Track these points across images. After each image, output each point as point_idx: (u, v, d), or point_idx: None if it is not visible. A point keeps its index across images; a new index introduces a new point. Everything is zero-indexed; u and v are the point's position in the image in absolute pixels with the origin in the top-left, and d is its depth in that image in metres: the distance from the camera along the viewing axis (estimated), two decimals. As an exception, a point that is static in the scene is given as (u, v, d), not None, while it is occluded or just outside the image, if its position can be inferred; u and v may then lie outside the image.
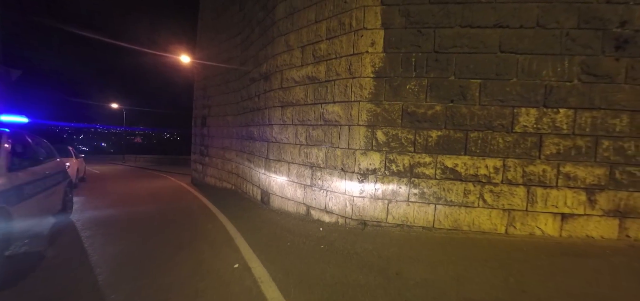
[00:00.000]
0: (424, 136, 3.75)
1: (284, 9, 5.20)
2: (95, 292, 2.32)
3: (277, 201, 5.22)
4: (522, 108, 3.60)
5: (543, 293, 2.31)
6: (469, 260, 2.91)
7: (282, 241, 3.50)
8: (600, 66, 3.54)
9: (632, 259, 3.08)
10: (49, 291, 2.37)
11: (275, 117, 5.26)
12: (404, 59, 3.78)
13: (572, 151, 3.57)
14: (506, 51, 3.61)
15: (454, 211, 3.72)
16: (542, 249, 3.26)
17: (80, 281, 2.55)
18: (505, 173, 3.64)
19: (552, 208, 3.60)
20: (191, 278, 2.53)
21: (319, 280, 2.47)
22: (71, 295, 2.30)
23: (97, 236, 3.82)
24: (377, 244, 3.30)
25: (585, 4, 3.55)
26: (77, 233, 3.94)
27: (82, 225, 4.32)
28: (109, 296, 2.25)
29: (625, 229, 3.58)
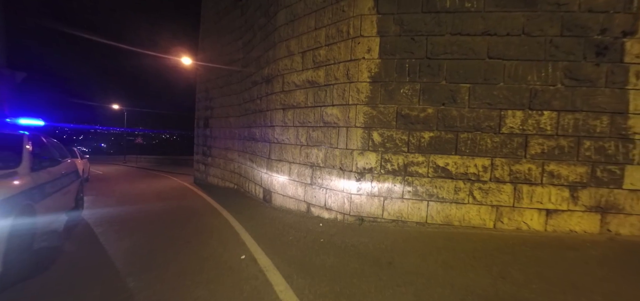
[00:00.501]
0: (417, 137, 3.99)
1: (285, 16, 5.44)
2: (118, 280, 2.56)
3: (279, 199, 5.46)
4: (508, 111, 3.84)
5: (521, 279, 2.55)
6: (457, 252, 3.15)
7: (285, 235, 3.75)
8: (582, 71, 3.78)
9: (609, 251, 3.32)
10: (73, 280, 2.61)
11: (277, 119, 5.50)
12: (398, 64, 4.03)
13: (556, 150, 3.81)
14: (494, 57, 3.86)
15: (445, 207, 3.96)
16: (527, 242, 3.50)
17: (101, 271, 2.79)
18: (493, 171, 3.88)
19: (537, 204, 3.84)
20: (202, 267, 2.77)
21: (319, 268, 2.72)
22: (95, 283, 2.54)
23: (109, 232, 4.06)
24: (373, 238, 3.54)
25: (567, 13, 3.79)
26: (91, 229, 4.19)
27: (94, 222, 4.56)
28: (131, 282, 2.49)
29: (606, 224, 3.82)
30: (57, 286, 2.48)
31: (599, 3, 3.77)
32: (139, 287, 2.39)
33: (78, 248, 3.44)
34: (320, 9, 4.73)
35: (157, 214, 5.35)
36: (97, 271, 2.80)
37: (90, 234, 3.96)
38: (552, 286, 2.43)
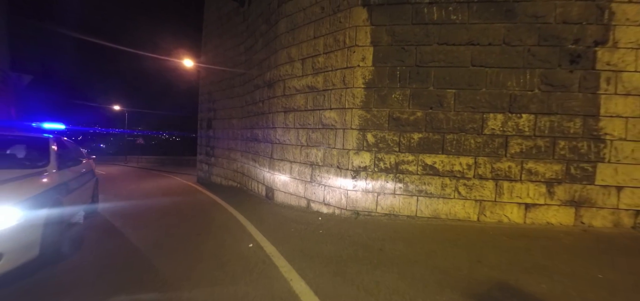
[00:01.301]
0: (407, 138, 4.37)
1: (286, 25, 5.81)
2: (144, 262, 2.93)
3: (281, 196, 5.83)
4: (490, 114, 4.21)
5: (495, 262, 2.92)
6: (441, 241, 3.52)
7: (287, 227, 4.12)
8: (557, 78, 4.16)
9: (580, 240, 3.70)
10: (101, 262, 2.97)
11: (279, 121, 5.87)
12: (390, 72, 4.40)
13: (534, 150, 4.19)
14: (477, 65, 4.23)
15: (433, 202, 4.33)
16: (507, 233, 3.87)
17: (125, 255, 3.16)
18: (476, 169, 4.26)
19: (517, 199, 4.22)
20: (215, 253, 3.14)
21: (318, 254, 3.08)
22: (122, 264, 2.90)
23: (126, 225, 4.42)
24: (367, 230, 3.91)
25: (544, 25, 4.17)
26: (108, 221, 4.55)
27: (110, 215, 4.93)
28: (154, 263, 2.85)
29: (580, 217, 4.20)
30: (88, 267, 2.85)
31: (573, 15, 4.15)
32: (162, 268, 2.75)
33: (100, 237, 3.81)
34: (319, 19, 5.10)
35: (167, 209, 5.72)
36: (122, 255, 3.17)
37: (109, 225, 4.33)
38: (519, 267, 2.81)
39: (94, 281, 2.58)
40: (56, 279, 2.59)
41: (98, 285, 2.49)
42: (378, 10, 4.48)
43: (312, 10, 5.26)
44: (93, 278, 2.65)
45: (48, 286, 2.45)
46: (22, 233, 2.54)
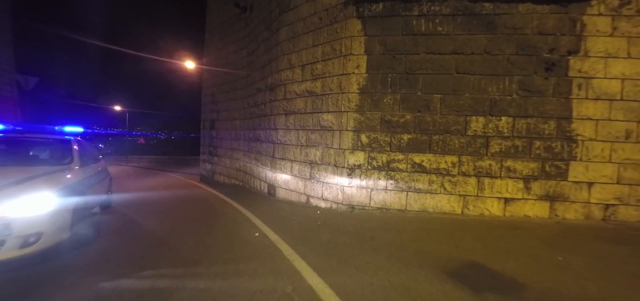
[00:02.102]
0: (398, 139, 4.79)
1: (286, 33, 6.23)
2: (164, 246, 3.33)
3: (282, 193, 6.25)
4: (473, 117, 4.64)
5: (471, 247, 3.34)
6: (427, 231, 3.94)
7: (288, 220, 4.53)
8: (533, 84, 4.59)
9: (552, 230, 4.12)
10: (129, 245, 3.37)
11: (280, 123, 6.29)
12: (382, 78, 4.82)
13: (512, 149, 4.61)
14: (461, 72, 4.66)
15: (421, 196, 4.76)
16: (487, 224, 4.29)
17: (147, 241, 3.56)
18: (460, 166, 4.68)
19: (497, 194, 4.64)
20: (226, 240, 3.56)
21: (316, 241, 3.50)
22: (148, 248, 3.30)
23: (141, 216, 4.82)
24: (360, 221, 4.33)
25: (522, 36, 4.60)
26: (123, 212, 4.96)
27: (125, 208, 5.34)
28: (171, 244, 3.26)
29: (554, 210, 4.62)
30: (115, 249, 3.25)
31: (548, 27, 4.58)
32: (180, 250, 3.16)
33: (120, 225, 4.22)
34: (317, 29, 5.52)
35: (176, 203, 6.13)
36: (143, 239, 3.58)
37: (125, 216, 4.74)
38: (491, 251, 3.23)
39: (123, 259, 2.99)
40: (89, 258, 3.00)
41: (128, 262, 2.90)
42: (371, 22, 4.90)
43: (311, 20, 5.67)
44: (121, 257, 3.06)
45: (84, 263, 2.86)
46: (57, 216, 2.95)
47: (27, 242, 2.68)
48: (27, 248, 2.69)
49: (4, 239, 2.55)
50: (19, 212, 2.65)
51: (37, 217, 2.75)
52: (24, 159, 3.94)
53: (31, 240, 2.71)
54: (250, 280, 2.52)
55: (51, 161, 3.96)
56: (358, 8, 4.97)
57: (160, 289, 2.38)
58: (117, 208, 5.37)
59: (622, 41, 4.52)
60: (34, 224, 2.72)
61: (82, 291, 2.39)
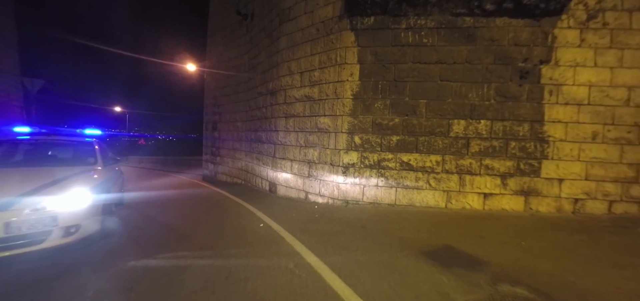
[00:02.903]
0: (388, 140, 5.29)
1: (286, 41, 6.72)
2: (180, 235, 3.82)
3: (282, 190, 6.74)
4: (455, 120, 5.14)
5: (448, 235, 3.84)
6: (412, 222, 4.45)
7: (289, 213, 5.02)
8: (509, 90, 5.10)
9: (524, 221, 4.62)
10: (150, 234, 3.85)
11: (281, 125, 6.78)
12: (373, 85, 5.32)
13: (490, 149, 5.12)
14: (444, 80, 5.16)
15: (409, 192, 5.26)
16: (466, 216, 4.80)
17: (165, 231, 4.04)
18: (444, 165, 5.19)
19: (477, 189, 5.15)
20: (234, 230, 4.04)
21: (314, 230, 3.99)
22: (167, 236, 3.78)
23: (153, 210, 5.29)
24: (354, 214, 4.83)
25: (499, 47, 5.11)
26: (139, 209, 5.42)
27: (138, 204, 5.80)
28: (190, 235, 3.74)
29: (529, 204, 5.13)
30: (139, 237, 3.73)
31: (522, 39, 5.09)
32: (196, 237, 3.65)
33: (138, 219, 4.68)
34: (315, 39, 6.01)
35: (184, 200, 6.60)
36: (161, 230, 4.05)
37: (140, 211, 5.21)
38: (465, 237, 3.73)
39: (147, 246, 3.47)
40: (118, 245, 3.48)
41: (151, 248, 3.38)
42: (363, 34, 5.40)
43: (309, 30, 6.17)
44: (145, 244, 3.54)
45: (114, 249, 3.34)
46: (91, 210, 3.43)
47: (68, 232, 3.16)
48: (69, 237, 3.16)
49: (52, 229, 3.03)
50: (62, 207, 3.13)
51: (77, 211, 3.22)
52: (54, 160, 4.42)
53: (72, 231, 3.18)
54: (259, 259, 3.01)
55: (78, 161, 4.43)
56: (351, 21, 5.47)
57: (183, 266, 2.86)
58: (132, 205, 5.83)
59: (589, 52, 5.03)
60: (74, 217, 3.20)
61: (117, 269, 2.87)
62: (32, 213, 2.94)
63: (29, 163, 4.16)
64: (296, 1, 6.50)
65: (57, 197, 3.15)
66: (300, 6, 6.41)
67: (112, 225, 4.04)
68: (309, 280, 2.58)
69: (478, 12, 5.08)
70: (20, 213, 2.88)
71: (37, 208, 2.99)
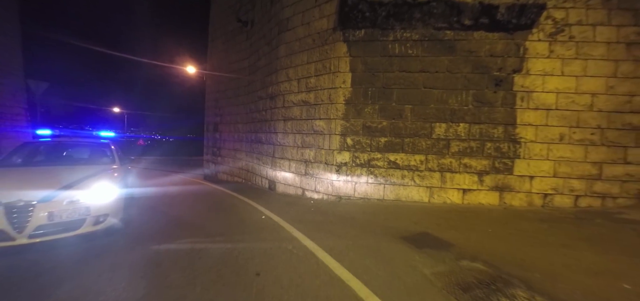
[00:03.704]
0: (376, 141, 5.85)
1: (285, 50, 7.26)
2: (191, 225, 4.34)
3: (281, 187, 7.28)
4: (436, 123, 5.72)
5: (426, 224, 4.41)
6: (397, 214, 5.00)
7: (287, 207, 5.57)
8: (485, 97, 5.68)
9: (496, 213, 5.19)
10: (164, 224, 4.37)
11: (279, 128, 7.32)
12: (363, 92, 5.88)
13: (468, 149, 5.70)
14: (427, 87, 5.73)
15: (395, 188, 5.83)
16: (446, 210, 5.36)
17: (177, 222, 4.56)
18: (427, 164, 5.76)
19: (457, 185, 5.73)
20: (239, 221, 4.58)
21: (310, 221, 4.54)
22: (180, 226, 4.30)
23: (162, 205, 5.80)
24: (345, 208, 5.38)
25: (476, 57, 5.68)
26: (149, 203, 5.93)
27: (149, 201, 6.30)
28: (200, 225, 4.27)
29: (503, 199, 5.72)
30: (154, 226, 4.25)
31: (497, 50, 5.67)
32: (205, 227, 4.18)
33: (149, 212, 5.20)
34: (311, 48, 6.56)
35: (189, 196, 7.11)
36: (173, 221, 4.56)
37: (151, 206, 5.72)
38: (441, 226, 4.30)
39: (164, 233, 3.99)
40: (138, 232, 4.00)
41: (168, 235, 3.90)
42: (355, 45, 5.96)
43: (306, 40, 6.71)
44: (162, 232, 4.07)
45: (136, 236, 3.86)
46: (116, 203, 3.95)
47: (98, 221, 3.68)
48: (98, 225, 3.68)
49: (85, 218, 3.55)
50: (93, 200, 3.64)
51: (105, 203, 3.74)
52: (78, 159, 4.94)
53: (101, 220, 3.70)
54: (262, 243, 3.56)
55: (99, 161, 4.95)
56: (344, 33, 6.03)
57: (199, 249, 3.40)
58: (143, 200, 6.34)
59: (557, 62, 5.62)
60: (103, 208, 3.72)
61: (141, 251, 3.39)
62: (69, 205, 3.46)
63: (57, 162, 4.68)
64: (294, 13, 7.05)
65: (89, 191, 3.66)
66: (297, 17, 6.96)
67: (130, 217, 4.56)
68: (305, 258, 3.12)
69: (457, 27, 5.66)
70: (60, 204, 3.40)
71: (72, 200, 3.50)
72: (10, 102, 13.43)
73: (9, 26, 13.83)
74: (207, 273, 2.76)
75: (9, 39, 13.57)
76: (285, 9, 7.30)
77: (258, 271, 2.79)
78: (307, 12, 6.74)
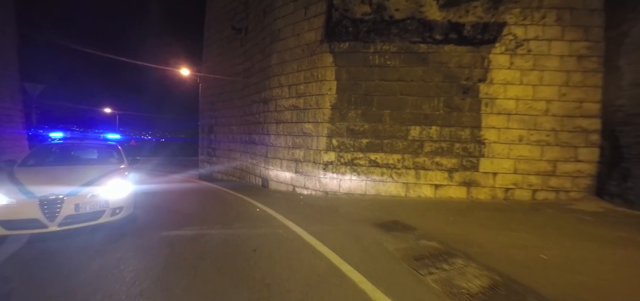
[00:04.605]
0: (359, 142, 6.55)
1: (276, 58, 7.90)
2: (192, 216, 4.94)
3: (273, 185, 7.92)
4: (412, 126, 6.45)
5: (399, 213, 5.11)
6: (375, 206, 5.70)
7: (279, 202, 6.22)
8: (454, 103, 6.43)
9: (461, 205, 5.94)
10: (168, 216, 4.97)
11: (272, 130, 7.96)
12: (347, 98, 6.58)
13: (439, 149, 6.45)
14: (404, 94, 6.46)
15: (376, 184, 6.54)
16: (418, 203, 6.09)
17: (179, 214, 5.16)
18: (403, 162, 6.49)
19: (430, 181, 6.47)
20: (237, 213, 5.21)
21: (299, 212, 5.20)
22: (183, 217, 4.90)
23: (166, 202, 6.38)
24: (331, 202, 6.06)
25: (447, 68, 6.43)
26: (154, 201, 6.50)
27: (151, 198, 6.86)
28: (201, 217, 4.88)
29: (470, 193, 6.48)
30: (160, 218, 4.84)
31: (465, 62, 6.42)
32: (206, 218, 4.80)
33: (154, 206, 5.78)
34: (301, 58, 7.23)
35: (189, 194, 7.69)
36: (175, 214, 5.16)
37: (154, 202, 6.29)
38: (412, 215, 5.01)
39: (171, 223, 4.60)
40: (148, 222, 4.60)
41: (175, 224, 4.51)
42: (340, 56, 6.65)
43: (296, 50, 7.38)
44: (169, 222, 4.67)
45: (147, 225, 4.46)
46: (131, 197, 4.54)
47: (114, 212, 4.26)
48: (115, 216, 4.26)
49: (104, 209, 4.13)
50: (112, 194, 4.23)
51: (121, 198, 4.32)
52: (91, 159, 5.49)
53: (117, 211, 4.28)
54: (258, 229, 4.21)
55: (109, 161, 5.50)
56: (330, 45, 6.71)
57: (204, 234, 4.02)
58: (147, 196, 6.90)
59: (516, 73, 6.41)
60: (119, 201, 4.30)
61: (153, 236, 3.99)
62: (92, 198, 4.04)
63: (74, 162, 5.24)
64: (285, 25, 7.70)
65: (107, 187, 4.25)
66: (288, 29, 7.61)
67: (139, 210, 5.15)
68: (293, 239, 3.79)
69: (430, 41, 6.40)
70: (84, 197, 3.98)
71: (94, 194, 4.09)
72: (7, 104, 13.69)
73: (6, 28, 14.05)
74: (213, 251, 3.40)
75: (5, 41, 13.80)
76: (277, 21, 7.95)
77: (254, 248, 3.45)
78: (297, 25, 7.40)
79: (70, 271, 2.92)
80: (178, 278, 2.72)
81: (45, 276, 2.79)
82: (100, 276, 2.81)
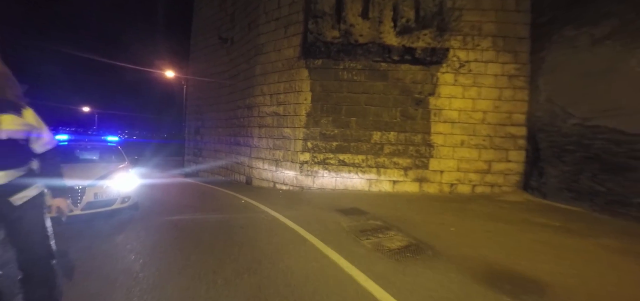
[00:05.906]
0: (330, 144, 7.74)
1: (260, 69, 8.96)
2: (186, 206, 5.92)
3: (256, 181, 8.96)
4: (374, 132, 7.70)
5: (359, 203, 6.31)
6: (341, 198, 6.88)
7: (262, 195, 7.28)
8: (409, 112, 7.74)
9: (412, 197, 7.23)
10: (165, 206, 5.92)
11: (255, 133, 9.00)
12: (320, 107, 7.75)
13: (397, 151, 7.73)
14: (367, 105, 7.70)
15: (344, 180, 7.74)
16: (380, 196, 7.34)
17: (174, 205, 6.12)
18: (367, 162, 7.73)
19: (389, 178, 7.74)
20: (225, 204, 6.24)
21: (278, 203, 6.29)
22: (177, 207, 5.87)
23: (161, 195, 7.28)
24: (306, 196, 7.20)
25: (403, 83, 7.73)
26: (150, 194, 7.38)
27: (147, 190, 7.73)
28: (194, 206, 5.87)
29: (422, 188, 7.80)
30: (159, 207, 5.79)
31: (418, 79, 7.74)
32: (198, 206, 5.81)
33: (153, 198, 6.69)
34: (281, 71, 8.33)
35: (180, 190, 8.58)
36: (171, 205, 6.12)
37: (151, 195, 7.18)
38: (369, 205, 6.22)
39: (171, 211, 5.57)
40: (151, 210, 5.55)
41: (174, 211, 5.49)
42: (314, 70, 7.81)
43: (277, 64, 8.47)
44: (169, 210, 5.64)
45: (150, 213, 5.41)
46: (136, 189, 5.49)
47: (124, 201, 5.20)
48: (124, 204, 5.20)
49: (116, 198, 5.06)
50: (122, 187, 5.16)
51: (129, 189, 5.27)
52: (99, 158, 6.34)
53: (126, 200, 5.22)
54: (244, 214, 5.28)
55: (113, 159, 6.36)
56: (306, 61, 7.86)
57: (201, 219, 5.05)
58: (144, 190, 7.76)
59: (459, 88, 7.79)
60: (128, 192, 5.24)
61: (157, 220, 4.97)
62: (106, 189, 4.98)
63: (84, 160, 6.09)
64: (268, 40, 8.77)
65: (116, 180, 5.19)
66: (271, 44, 8.69)
67: (142, 200, 6.08)
68: (272, 220, 4.90)
69: (389, 60, 7.68)
70: (101, 188, 4.91)
71: (109, 185, 5.02)
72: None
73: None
74: (210, 229, 4.45)
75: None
76: (260, 36, 9.00)
77: (242, 225, 4.54)
78: (278, 42, 8.50)
79: (102, 240, 3.89)
80: (188, 245, 3.77)
81: (83, 245, 3.75)
82: (128, 242, 3.81)
